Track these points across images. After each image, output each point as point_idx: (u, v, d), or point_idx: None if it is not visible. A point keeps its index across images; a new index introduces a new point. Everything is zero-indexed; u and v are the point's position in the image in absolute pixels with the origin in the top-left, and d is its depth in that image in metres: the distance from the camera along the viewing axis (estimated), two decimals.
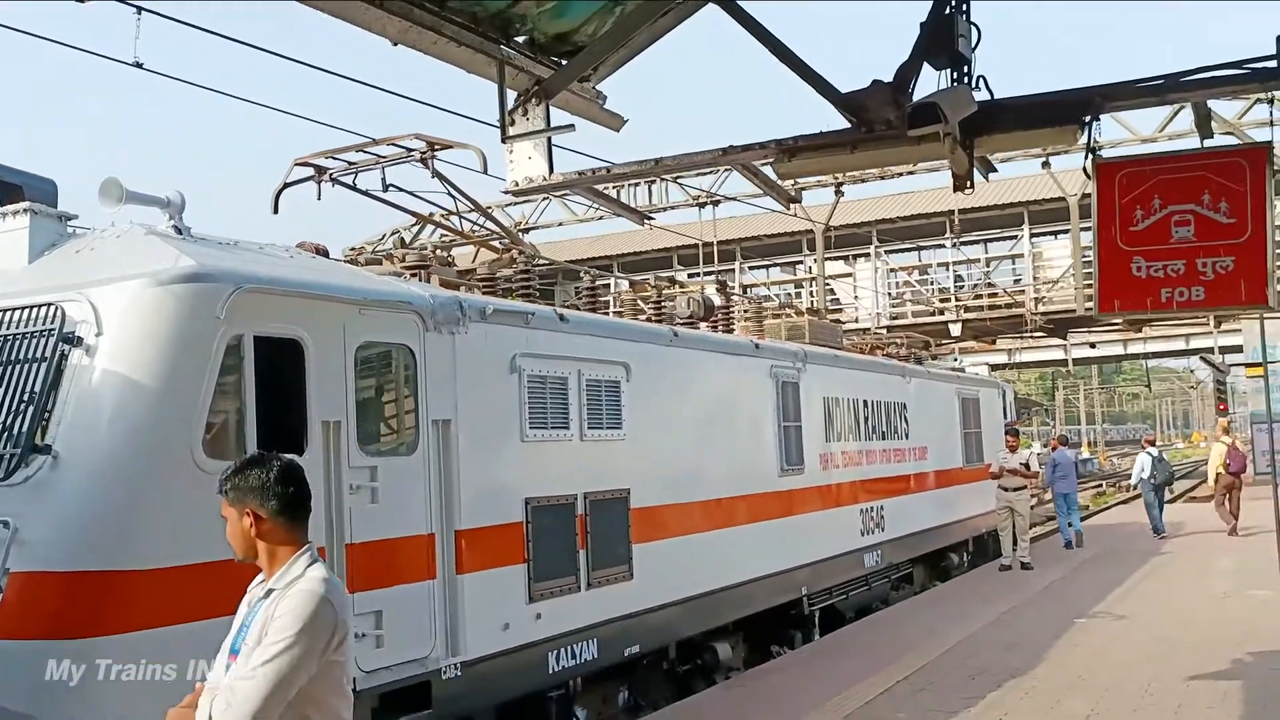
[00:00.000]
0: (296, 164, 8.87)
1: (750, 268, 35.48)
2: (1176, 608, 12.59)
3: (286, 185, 8.99)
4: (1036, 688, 8.95)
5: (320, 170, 8.84)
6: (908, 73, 5.50)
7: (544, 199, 29.06)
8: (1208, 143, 6.40)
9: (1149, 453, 21.55)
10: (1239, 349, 33.71)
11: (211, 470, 5.66)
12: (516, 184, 6.41)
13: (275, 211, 9.12)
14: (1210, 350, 37.51)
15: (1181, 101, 6.05)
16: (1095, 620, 11.99)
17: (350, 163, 8.88)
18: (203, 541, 5.60)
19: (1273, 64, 4.92)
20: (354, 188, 8.99)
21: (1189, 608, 12.53)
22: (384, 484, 6.62)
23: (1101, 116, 5.53)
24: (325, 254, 7.74)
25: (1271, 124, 10.31)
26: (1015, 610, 12.86)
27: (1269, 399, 18.22)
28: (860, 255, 33.49)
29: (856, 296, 33.11)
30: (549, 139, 6.40)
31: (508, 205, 28.35)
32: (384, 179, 8.97)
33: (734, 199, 24.50)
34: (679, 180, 26.64)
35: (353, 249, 9.63)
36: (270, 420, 6.03)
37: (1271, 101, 5.39)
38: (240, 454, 5.82)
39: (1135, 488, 22.94)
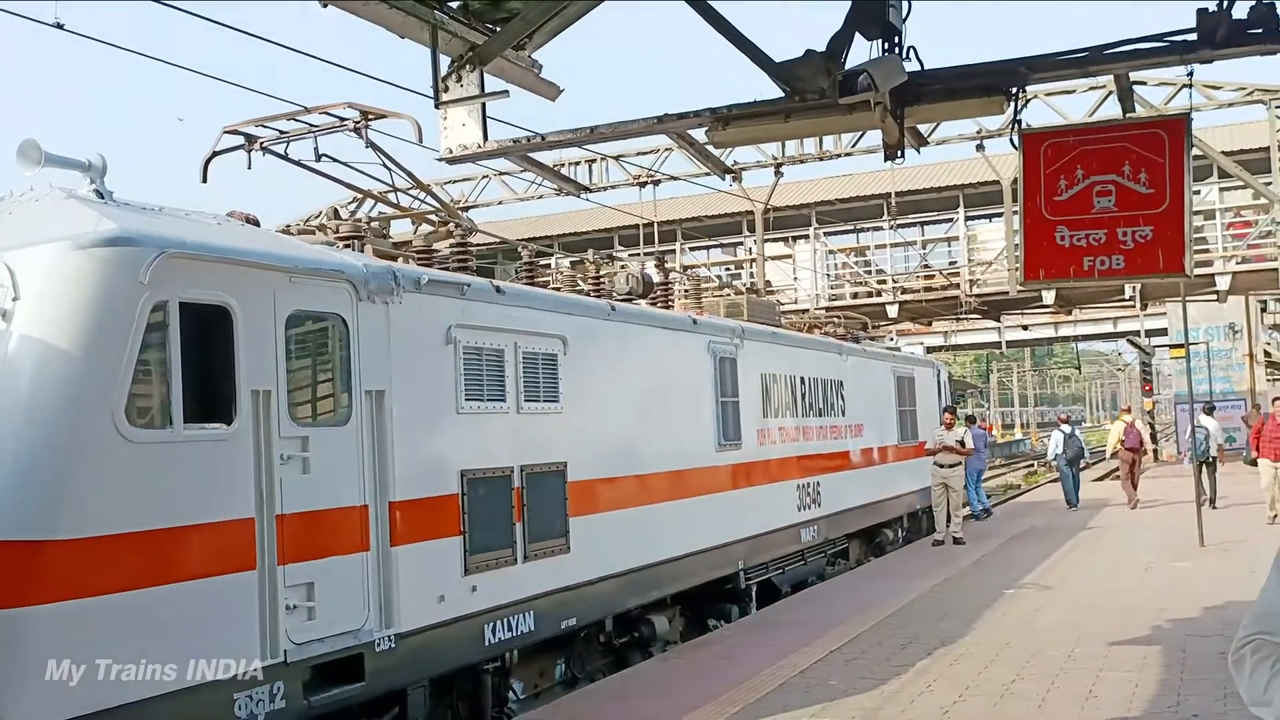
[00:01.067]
0: (226, 132, 8.70)
1: (691, 248, 35.55)
2: (1100, 578, 12.92)
3: (216, 153, 8.81)
4: (965, 655, 9.14)
5: (251, 139, 8.68)
6: (840, 43, 5.55)
7: (483, 177, 28.82)
8: (1130, 118, 6.56)
9: (1062, 430, 22.77)
10: (1164, 331, 34.56)
11: (136, 439, 5.58)
12: (450, 151, 6.37)
13: (204, 180, 8.94)
14: (1137, 333, 38.41)
15: (1103, 72, 6.17)
16: (1023, 591, 12.26)
17: (282, 131, 8.73)
18: (127, 511, 5.53)
19: (1192, 37, 5.03)
20: (286, 157, 8.84)
21: (1112, 578, 12.86)
22: (316, 455, 6.55)
23: (1031, 100, 5.63)
24: (256, 224, 7.62)
25: (1190, 100, 10.56)
26: (947, 582, 13.11)
27: (1190, 380, 18.70)
28: (800, 237, 33.71)
29: (796, 277, 33.35)
30: (483, 106, 6.36)
31: (446, 183, 28.10)
32: (316, 149, 8.82)
33: (675, 178, 24.50)
34: (620, 159, 26.59)
35: (286, 226, 9.49)
36: (197, 389, 5.94)
37: (1190, 75, 5.52)
38: (166, 423, 5.74)
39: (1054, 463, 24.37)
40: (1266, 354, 32.27)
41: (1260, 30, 5.10)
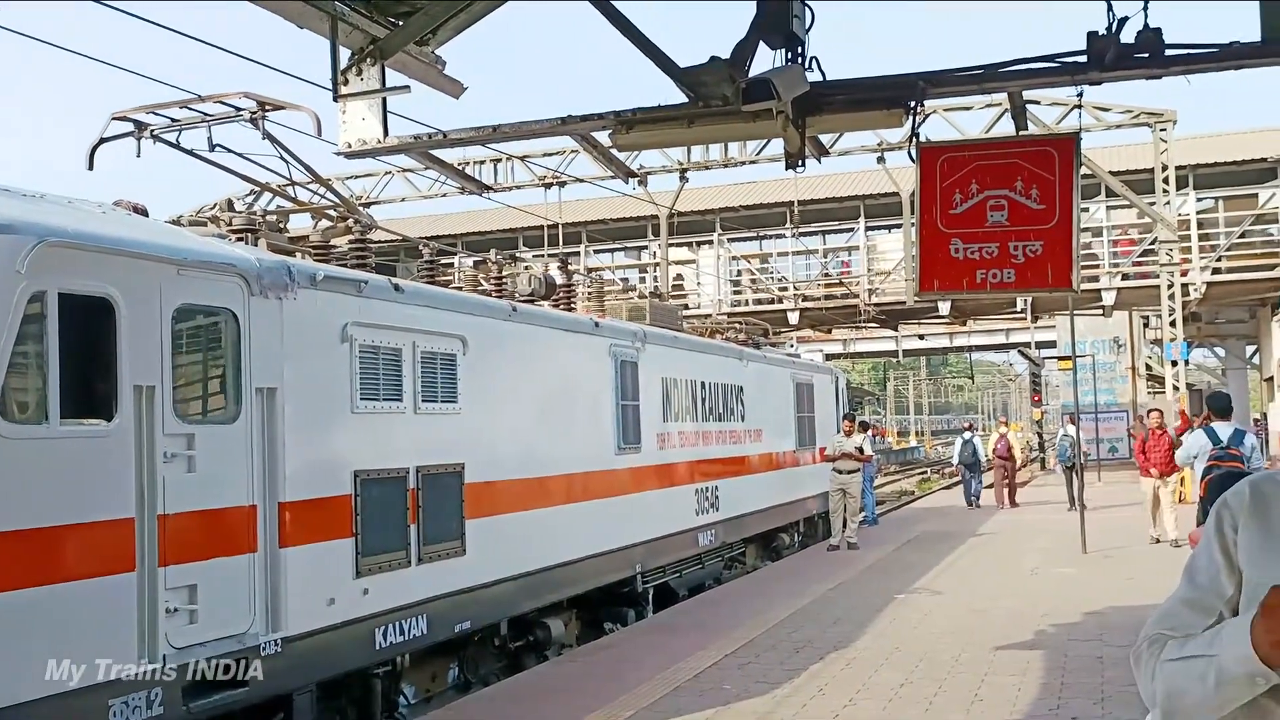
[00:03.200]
0: (114, 118, 8.39)
1: (595, 251, 35.56)
2: (988, 584, 13.26)
3: (103, 140, 8.49)
4: (857, 659, 9.28)
5: (140, 125, 8.39)
6: (744, 50, 5.59)
7: (386, 174, 28.41)
8: (1023, 135, 6.75)
9: (963, 437, 25.60)
10: (1053, 343, 35.69)
11: (9, 435, 5.33)
12: (349, 145, 6.24)
13: (90, 168, 8.62)
14: (1027, 344, 39.65)
15: (998, 90, 6.33)
16: (914, 595, 12.51)
17: (173, 119, 8.45)
18: (2, 510, 5.28)
19: (1082, 59, 5.19)
20: (178, 146, 8.56)
21: (999, 584, 13.21)
22: (201, 453, 6.34)
23: (930, 115, 5.74)
24: (145, 213, 7.35)
25: (1080, 119, 10.92)
26: (841, 587, 13.31)
27: (1076, 391, 19.35)
28: (704, 242, 33.98)
29: (699, 283, 33.59)
30: (384, 100, 6.25)
31: (347, 178, 27.60)
32: (210, 138, 8.56)
33: (581, 180, 24.47)
34: (526, 160, 26.46)
35: (177, 218, 9.19)
36: (76, 383, 5.70)
37: (1080, 95, 5.71)
38: (42, 418, 5.50)
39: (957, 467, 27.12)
40: (1148, 367, 33.58)
41: (1146, 55, 5.29)
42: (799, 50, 5.56)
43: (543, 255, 24.92)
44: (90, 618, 5.66)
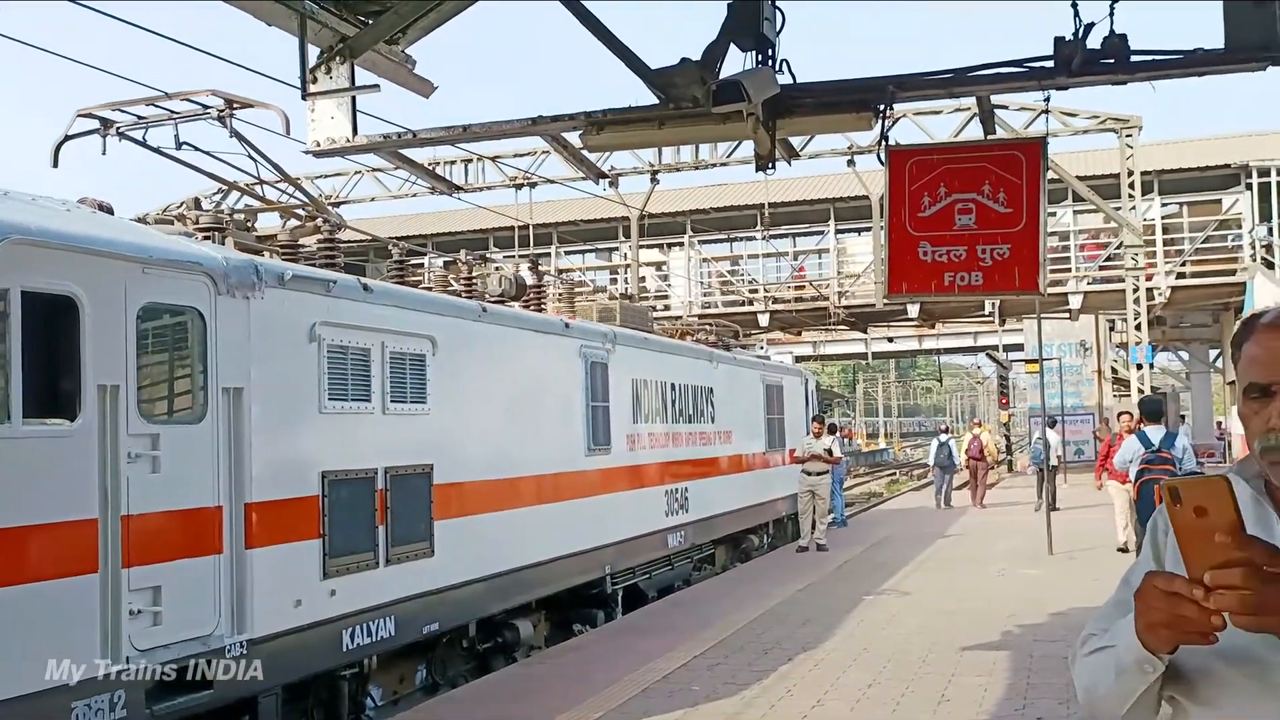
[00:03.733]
0: (80, 115, 8.30)
1: (566, 252, 35.51)
2: (955, 585, 13.35)
3: (69, 137, 8.40)
4: (825, 660, 9.31)
5: (106, 123, 8.30)
6: (715, 52, 5.60)
7: (355, 173, 28.24)
8: (991, 139, 6.81)
9: (939, 439, 26.06)
10: (1021, 347, 35.99)
11: None
12: (318, 144, 6.20)
13: (55, 165, 8.52)
14: (995, 348, 39.94)
15: (967, 94, 6.39)
16: (882, 596, 12.58)
17: (140, 117, 8.37)
18: None
19: (1049, 64, 5.24)
20: (144, 144, 8.48)
21: (966, 585, 13.31)
22: (167, 453, 6.28)
23: (900, 119, 5.78)
24: (110, 211, 7.28)
25: (1047, 124, 11.03)
26: (810, 588, 13.36)
27: (1044, 394, 19.50)
28: (675, 244, 34.02)
29: (670, 284, 33.63)
30: (353, 99, 6.21)
31: (316, 177, 27.42)
32: (177, 136, 8.49)
33: (552, 181, 24.41)
34: (497, 161, 26.38)
35: (143, 216, 9.11)
36: (40, 382, 5.63)
37: (1047, 100, 5.77)
38: (4, 417, 5.42)
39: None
40: (1113, 371, 33.94)
41: (1112, 61, 5.35)
42: (769, 53, 5.58)
43: (513, 256, 24.87)
44: (52, 619, 5.60)
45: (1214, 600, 1.53)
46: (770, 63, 5.53)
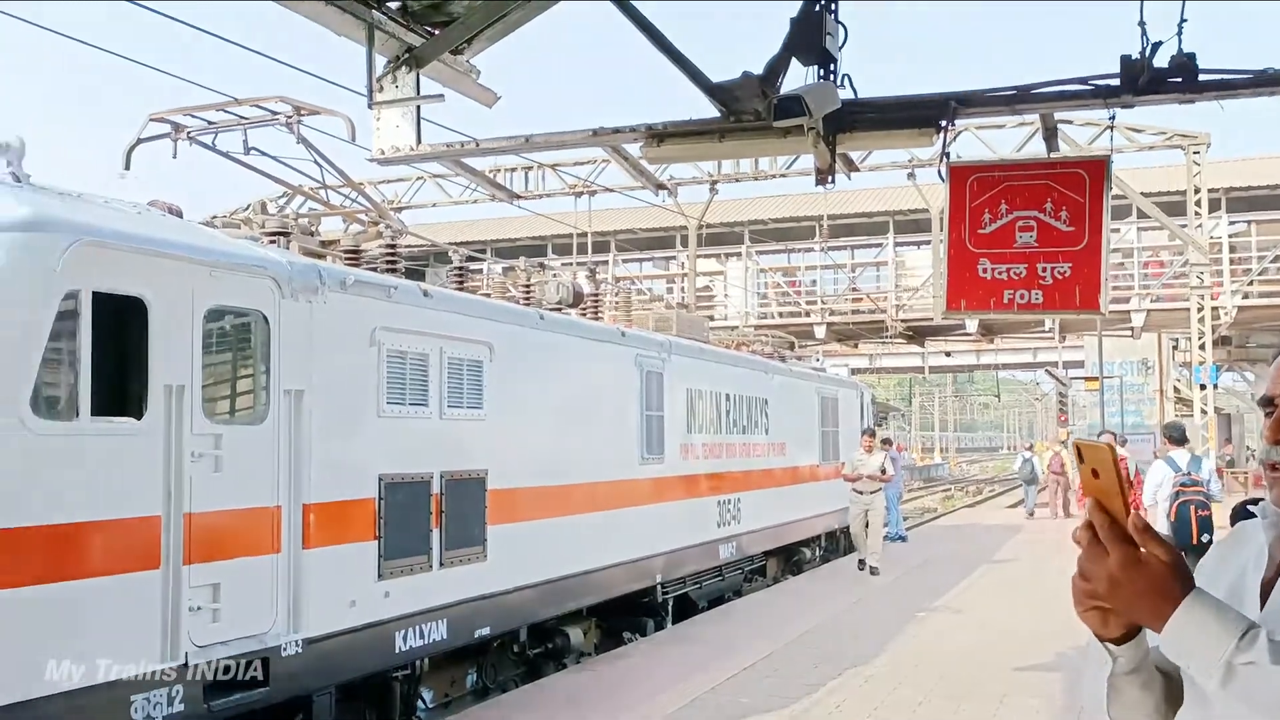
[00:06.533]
0: (152, 119, 8.50)
1: (623, 260, 35.61)
2: (1010, 603, 13.17)
3: (141, 141, 8.60)
4: (875, 675, 9.25)
5: (177, 127, 8.49)
6: (777, 67, 5.61)
7: (417, 179, 28.56)
8: (1054, 156, 6.72)
9: (1023, 455, 29.04)
10: (1081, 364, 35.44)
11: (40, 431, 5.40)
12: (383, 152, 6.30)
13: (127, 168, 8.70)
14: (1055, 364, 39.33)
15: (1031, 111, 6.32)
16: (934, 613, 12.46)
17: (210, 122, 8.55)
18: (27, 504, 5.35)
19: (1115, 82, 5.17)
20: (213, 148, 8.66)
21: (1022, 604, 13.11)
22: (229, 453, 6.40)
23: (961, 133, 5.75)
24: (179, 214, 7.44)
25: (1111, 142, 10.86)
26: (861, 603, 13.26)
27: (1104, 412, 19.21)
28: (732, 254, 33.96)
29: (727, 294, 33.57)
30: (418, 108, 6.30)
31: (379, 182, 27.78)
32: (246, 141, 8.66)
33: (610, 189, 24.53)
34: (556, 168, 26.55)
35: (214, 217, 9.30)
36: (107, 381, 5.78)
37: (1113, 119, 5.70)
38: (73, 415, 5.57)
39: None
40: (1176, 390, 33.25)
41: (1180, 80, 5.27)
42: (831, 67, 5.57)
43: (571, 264, 25.01)
44: (115, 613, 5.73)
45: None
46: (832, 77, 5.53)
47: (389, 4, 6.24)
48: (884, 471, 16.42)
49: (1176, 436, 11.87)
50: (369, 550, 7.62)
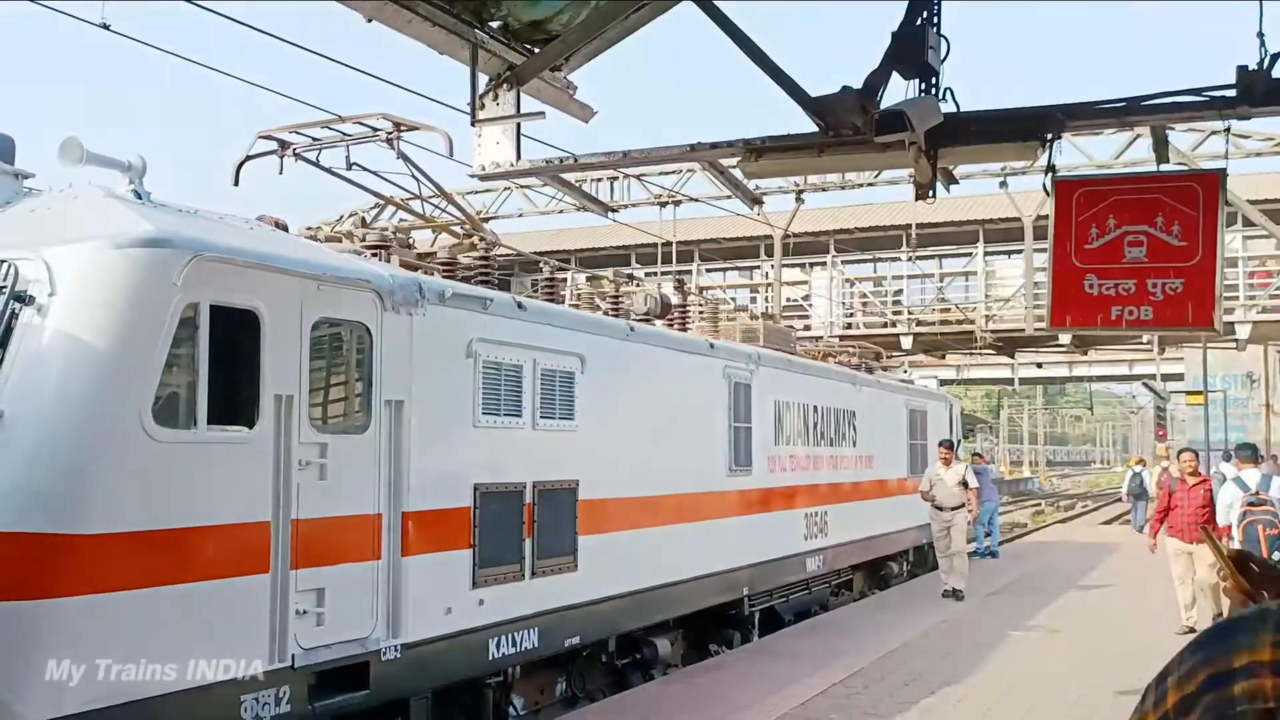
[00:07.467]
0: (260, 136, 8.77)
1: (707, 270, 35.58)
2: (1110, 622, 12.84)
3: (249, 157, 8.89)
4: (969, 696, 9.09)
5: (284, 144, 8.75)
6: (877, 81, 5.58)
7: (505, 188, 28.94)
8: (1163, 167, 6.56)
9: (1133, 470, 28.44)
10: (1181, 377, 34.42)
11: (161, 439, 5.61)
12: (484, 168, 6.41)
13: (236, 184, 9.02)
14: (1153, 376, 38.23)
15: (1141, 124, 6.20)
16: (1030, 632, 12.20)
17: (314, 139, 8.80)
18: (148, 510, 5.56)
19: (1231, 93, 5.05)
20: (317, 164, 8.91)
21: (1122, 622, 12.79)
22: (333, 461, 6.58)
23: (1062, 139, 5.64)
24: (285, 228, 7.68)
25: (1226, 154, 10.57)
26: (952, 620, 13.05)
27: (1208, 427, 18.62)
28: (817, 264, 33.71)
29: (812, 304, 33.33)
30: (518, 125, 6.41)
31: (469, 193, 28.20)
32: (348, 157, 8.89)
33: (696, 199, 24.54)
34: (642, 178, 26.67)
35: (309, 229, 9.55)
36: (222, 391, 5.98)
37: (1228, 130, 5.55)
38: (191, 423, 5.77)
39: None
40: None
41: None
42: (933, 81, 5.53)
43: (656, 274, 25.08)
44: (226, 615, 5.92)
45: None
46: (933, 91, 5.49)
47: (491, 24, 6.36)
48: (965, 485, 14.95)
49: (1248, 455, 11.85)
50: (464, 559, 7.75)
